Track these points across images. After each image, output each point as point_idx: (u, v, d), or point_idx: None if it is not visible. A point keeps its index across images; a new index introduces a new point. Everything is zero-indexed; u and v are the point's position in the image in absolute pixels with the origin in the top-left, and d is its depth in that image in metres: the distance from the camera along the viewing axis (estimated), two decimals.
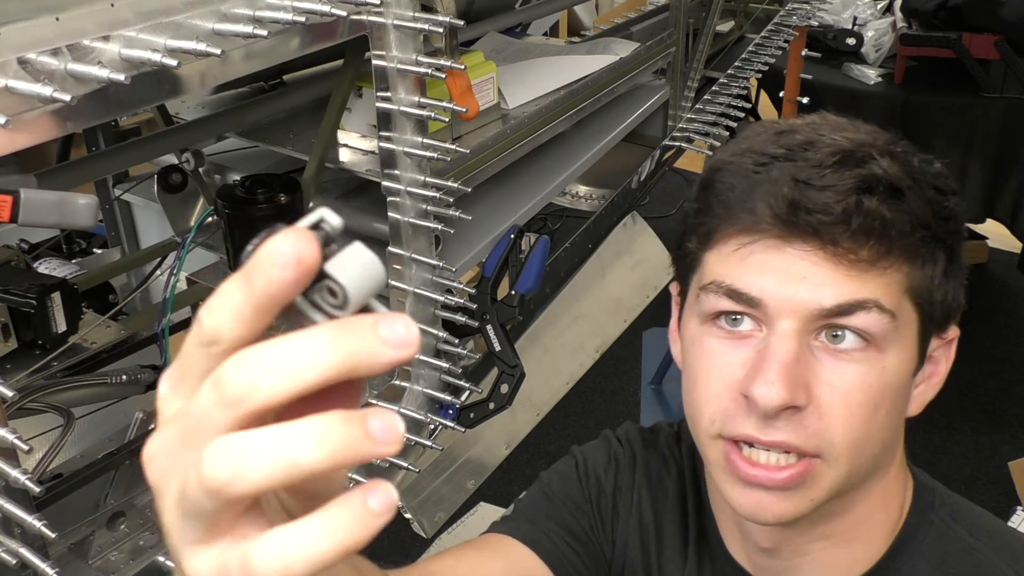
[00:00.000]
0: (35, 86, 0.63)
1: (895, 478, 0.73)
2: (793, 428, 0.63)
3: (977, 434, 2.85)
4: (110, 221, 1.43)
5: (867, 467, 0.67)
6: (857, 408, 0.63)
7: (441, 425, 1.15)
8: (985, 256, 3.76)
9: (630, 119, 1.61)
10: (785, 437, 0.63)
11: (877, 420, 0.64)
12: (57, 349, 0.94)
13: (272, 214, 1.04)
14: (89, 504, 1.07)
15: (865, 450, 0.65)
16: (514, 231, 1.13)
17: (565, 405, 1.63)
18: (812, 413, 0.63)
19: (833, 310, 0.62)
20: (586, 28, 3.06)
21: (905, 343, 0.65)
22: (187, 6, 0.75)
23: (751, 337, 0.65)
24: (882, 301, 0.62)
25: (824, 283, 0.62)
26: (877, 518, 0.72)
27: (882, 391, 0.64)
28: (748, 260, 0.64)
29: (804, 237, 0.62)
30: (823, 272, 0.62)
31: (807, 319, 0.63)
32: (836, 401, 0.63)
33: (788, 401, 0.62)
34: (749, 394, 0.63)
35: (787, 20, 2.21)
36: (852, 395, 0.63)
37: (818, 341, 0.64)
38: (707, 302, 0.67)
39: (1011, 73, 2.83)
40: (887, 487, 0.72)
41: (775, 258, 0.63)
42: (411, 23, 0.94)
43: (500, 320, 1.11)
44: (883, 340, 0.63)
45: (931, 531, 0.73)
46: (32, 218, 0.87)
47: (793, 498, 0.65)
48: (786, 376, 0.62)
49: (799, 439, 0.63)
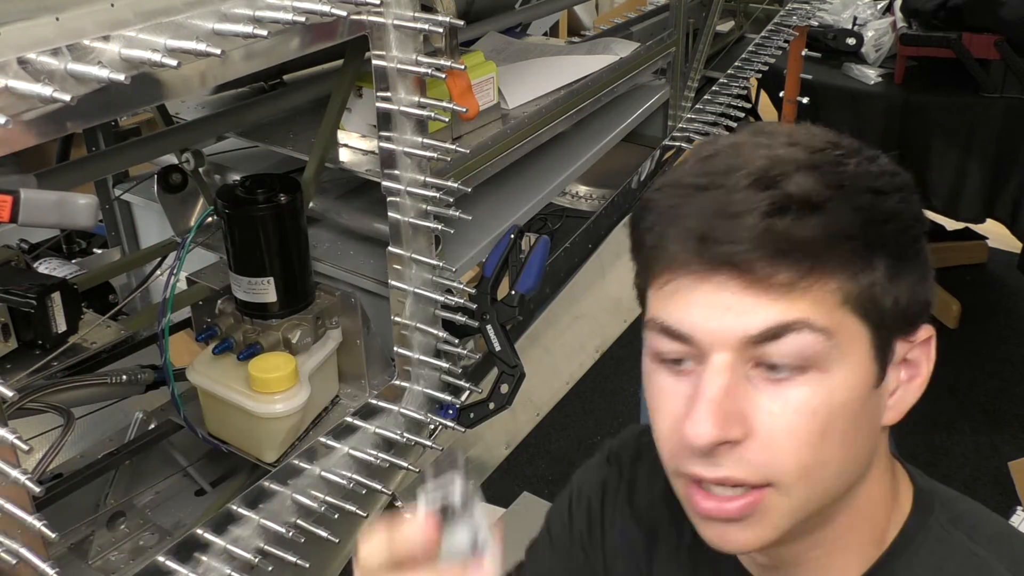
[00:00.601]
0: (35, 86, 0.63)
1: (877, 486, 0.72)
2: (735, 462, 0.63)
3: (977, 434, 2.85)
4: (110, 221, 1.43)
5: (830, 489, 0.66)
6: (803, 435, 0.62)
7: (441, 425, 1.15)
8: (985, 256, 3.76)
9: (630, 119, 1.61)
10: (728, 472, 0.63)
11: (828, 443, 0.63)
12: (57, 349, 0.94)
13: (272, 214, 1.04)
14: (89, 504, 1.07)
15: (819, 475, 0.64)
16: (514, 231, 1.13)
17: (565, 405, 1.63)
18: (753, 445, 0.62)
19: (762, 335, 0.61)
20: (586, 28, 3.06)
21: (854, 358, 0.63)
22: (187, 6, 0.75)
23: (692, 372, 0.65)
24: (812, 320, 0.61)
25: (748, 311, 0.61)
26: (862, 527, 0.72)
27: (830, 413, 0.62)
28: (675, 296, 0.64)
29: (721, 269, 0.61)
30: (746, 300, 0.61)
31: (738, 349, 0.62)
32: (779, 430, 0.62)
33: (718, 438, 0.61)
34: (683, 434, 0.63)
35: (787, 20, 2.21)
36: (795, 422, 0.62)
37: (756, 371, 0.63)
38: (651, 340, 0.67)
39: (1011, 73, 2.83)
40: (868, 497, 0.71)
41: (698, 292, 0.63)
42: (411, 23, 0.94)
43: (500, 320, 1.11)
44: (824, 360, 0.62)
45: (929, 536, 0.72)
46: (32, 218, 0.87)
47: (752, 527, 0.65)
48: (715, 413, 0.61)
49: (743, 472, 0.63)
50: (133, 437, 1.11)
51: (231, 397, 1.04)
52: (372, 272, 1.16)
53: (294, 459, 1.02)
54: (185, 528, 1.07)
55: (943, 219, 3.57)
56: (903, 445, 0.79)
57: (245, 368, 1.04)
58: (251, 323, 1.09)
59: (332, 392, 1.16)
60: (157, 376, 1.10)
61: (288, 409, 1.04)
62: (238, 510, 0.96)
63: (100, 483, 1.07)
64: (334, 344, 1.13)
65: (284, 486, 1.00)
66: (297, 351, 1.08)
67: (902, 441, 0.78)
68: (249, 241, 1.04)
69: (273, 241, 1.04)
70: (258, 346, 1.07)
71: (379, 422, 1.10)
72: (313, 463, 1.03)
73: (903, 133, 3.03)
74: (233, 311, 1.10)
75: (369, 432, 1.09)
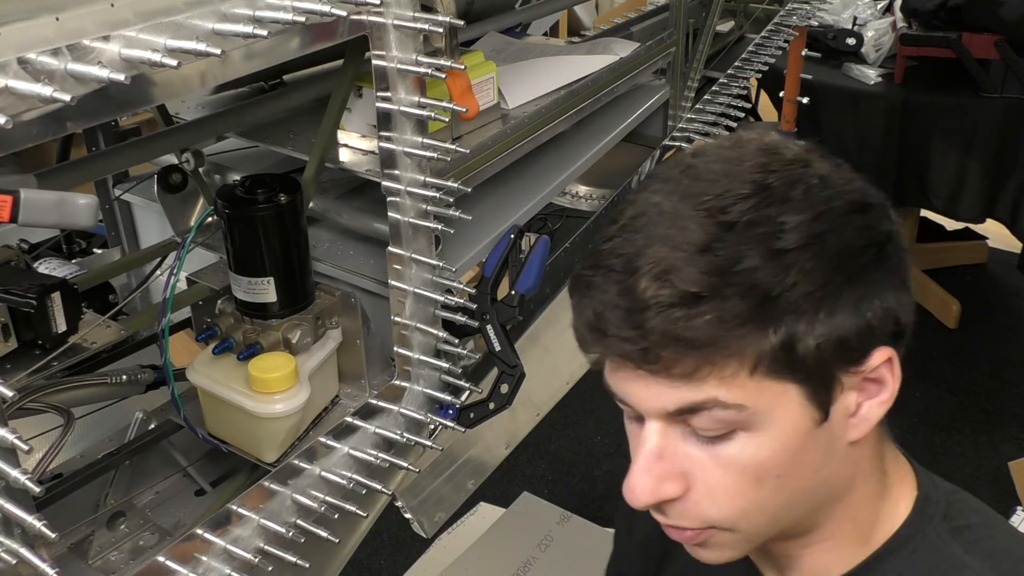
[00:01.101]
0: (35, 86, 0.63)
1: (861, 493, 0.72)
2: (679, 514, 0.67)
3: (977, 434, 2.85)
4: (110, 221, 1.43)
5: (783, 519, 0.69)
6: (734, 487, 0.65)
7: (441, 425, 1.15)
8: (985, 256, 3.76)
9: (630, 119, 1.61)
10: (673, 522, 0.68)
11: (764, 489, 0.65)
12: (57, 349, 0.94)
13: (272, 214, 1.04)
14: (89, 504, 1.07)
15: (760, 515, 0.67)
16: (514, 231, 1.13)
17: (565, 405, 1.63)
18: (692, 498, 0.66)
19: (678, 411, 0.64)
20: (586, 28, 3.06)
21: (781, 412, 0.63)
22: (187, 6, 0.75)
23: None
24: (721, 398, 0.62)
25: (661, 392, 0.63)
26: (844, 530, 0.73)
27: (761, 465, 0.64)
28: (609, 368, 0.68)
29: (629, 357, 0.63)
30: (658, 383, 0.63)
31: (665, 418, 0.65)
32: (713, 484, 0.65)
33: (649, 502, 0.66)
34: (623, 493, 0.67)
35: (787, 20, 2.21)
36: (727, 476, 0.65)
37: (690, 429, 0.65)
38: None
39: (1011, 73, 2.84)
40: (850, 506, 0.72)
41: (620, 372, 0.66)
42: (411, 23, 0.94)
43: (500, 320, 1.11)
44: (747, 423, 0.63)
45: (924, 544, 0.72)
46: (32, 218, 0.87)
47: (715, 550, 0.70)
48: (648, 478, 0.65)
49: (687, 522, 0.67)
50: (133, 437, 1.11)
51: (231, 397, 1.04)
52: (372, 272, 1.16)
53: (294, 459, 1.02)
54: (185, 528, 1.07)
55: (943, 219, 3.57)
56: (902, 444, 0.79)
57: (245, 368, 1.04)
58: (251, 323, 1.09)
59: (332, 392, 1.16)
60: (157, 376, 1.10)
61: (288, 409, 1.04)
62: (238, 510, 0.96)
63: (100, 483, 1.07)
64: (334, 344, 1.13)
65: (284, 486, 1.00)
66: (297, 351, 1.09)
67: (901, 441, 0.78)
68: (249, 241, 1.04)
69: (273, 241, 1.05)
70: (258, 346, 1.07)
71: (379, 422, 1.10)
72: (313, 463, 1.03)
73: (903, 133, 3.03)
74: (233, 311, 1.10)
75: (369, 432, 1.09)
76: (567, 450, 2.91)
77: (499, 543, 2.41)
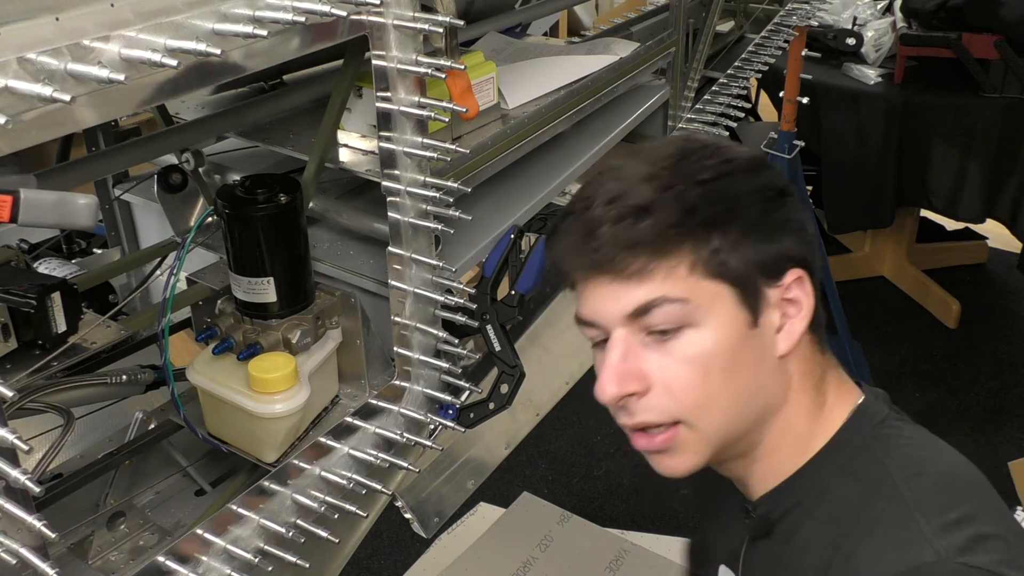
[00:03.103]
0: (35, 86, 0.63)
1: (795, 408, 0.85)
2: (644, 410, 0.80)
3: (977, 434, 2.85)
4: (110, 221, 1.43)
5: (733, 417, 0.82)
6: (688, 377, 0.79)
7: (441, 425, 1.15)
8: (985, 256, 3.76)
9: (630, 119, 1.61)
10: (642, 418, 0.81)
11: (713, 380, 0.79)
12: (57, 349, 0.94)
13: (272, 214, 1.04)
14: (89, 504, 1.07)
15: (715, 407, 0.80)
16: (514, 231, 1.13)
17: (565, 405, 1.63)
18: (654, 394, 0.80)
19: (636, 312, 0.78)
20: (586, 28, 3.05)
21: (720, 310, 0.79)
22: (187, 6, 0.75)
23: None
24: (668, 294, 0.78)
25: (620, 296, 0.79)
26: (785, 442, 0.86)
27: (708, 357, 0.79)
28: (580, 295, 0.83)
29: (595, 269, 0.80)
30: (616, 290, 0.79)
31: (627, 324, 0.79)
32: (669, 378, 0.79)
33: (618, 395, 0.80)
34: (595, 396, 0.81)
35: (787, 20, 2.21)
36: (679, 369, 0.79)
37: (649, 337, 0.79)
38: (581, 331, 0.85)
39: (1011, 73, 2.84)
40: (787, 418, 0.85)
41: (589, 289, 0.81)
42: (411, 23, 0.94)
43: (500, 320, 1.11)
44: (691, 319, 0.78)
45: (851, 445, 0.85)
46: (32, 218, 0.87)
47: (681, 455, 0.82)
48: (615, 375, 0.79)
49: (652, 416, 0.80)
50: (133, 437, 1.11)
51: (231, 397, 1.04)
52: (372, 272, 1.16)
53: (294, 459, 1.02)
54: (185, 528, 1.07)
55: (943, 219, 3.57)
56: None
57: (245, 368, 1.04)
58: (251, 323, 1.09)
59: (332, 392, 1.16)
60: (157, 376, 1.10)
61: (288, 409, 1.04)
62: (238, 510, 0.96)
63: (100, 483, 1.07)
64: (334, 344, 1.13)
65: (284, 486, 1.00)
66: (297, 351, 1.09)
67: None
68: (249, 241, 1.04)
69: (273, 241, 1.05)
70: (258, 346, 1.07)
71: (379, 422, 1.10)
72: (313, 463, 1.03)
73: (903, 133, 3.03)
74: (233, 311, 1.10)
75: (369, 432, 1.09)
76: (567, 450, 2.91)
77: (499, 543, 2.42)
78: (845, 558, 0.79)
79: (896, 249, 3.64)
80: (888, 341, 3.31)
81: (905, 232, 3.60)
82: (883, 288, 3.67)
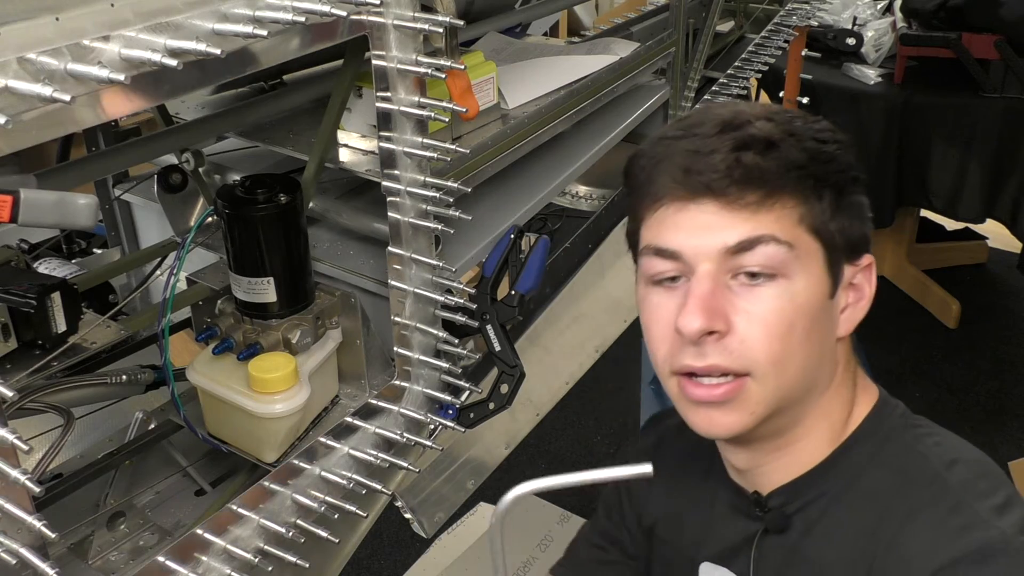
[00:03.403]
0: (35, 86, 0.63)
1: (836, 394, 0.85)
2: (719, 352, 0.77)
3: (977, 434, 2.85)
4: (110, 221, 1.43)
5: (797, 380, 0.79)
6: (773, 328, 0.76)
7: (441, 425, 1.15)
8: (985, 256, 3.76)
9: (630, 119, 1.61)
10: (714, 360, 0.77)
11: (794, 337, 0.77)
12: (57, 349, 0.94)
13: (272, 214, 1.04)
14: (89, 504, 1.07)
15: (788, 365, 0.78)
16: (514, 231, 1.13)
17: (565, 405, 1.63)
18: (734, 338, 0.76)
19: (736, 247, 0.76)
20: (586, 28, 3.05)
21: (812, 269, 0.78)
22: (187, 6, 0.75)
23: (681, 287, 0.79)
24: (777, 235, 0.76)
25: (724, 227, 0.76)
26: (820, 430, 0.84)
27: (795, 311, 0.77)
28: (664, 223, 0.79)
29: (701, 194, 0.76)
30: (723, 219, 0.76)
31: (718, 260, 0.76)
32: (754, 325, 0.76)
33: (706, 326, 0.75)
34: (678, 327, 0.77)
35: (787, 20, 2.21)
36: (767, 318, 0.76)
37: (735, 281, 0.77)
38: (645, 265, 0.82)
39: (1011, 73, 2.84)
40: (828, 403, 0.84)
41: (683, 216, 0.78)
42: (411, 23, 0.94)
43: (500, 320, 1.11)
44: (787, 269, 0.76)
45: (878, 435, 0.84)
46: (32, 218, 0.87)
47: (735, 411, 0.79)
48: (702, 307, 0.76)
49: (726, 360, 0.77)
50: (133, 437, 1.11)
51: (231, 397, 1.04)
52: (372, 272, 1.16)
53: (294, 459, 1.02)
54: (185, 528, 1.07)
55: (943, 219, 3.57)
56: None
57: (245, 368, 1.04)
58: (251, 323, 1.09)
59: (332, 392, 1.16)
60: (157, 376, 1.10)
61: (288, 409, 1.04)
62: (238, 510, 0.96)
63: (100, 483, 1.07)
64: (334, 344, 1.13)
65: (284, 486, 1.00)
66: (297, 351, 1.09)
67: None
68: (249, 241, 1.04)
69: (273, 241, 1.05)
70: (258, 346, 1.07)
71: (379, 422, 1.10)
72: (313, 463, 1.03)
73: (903, 133, 3.03)
74: (233, 311, 1.10)
75: (369, 432, 1.09)
76: (567, 450, 2.91)
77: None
78: (888, 546, 0.78)
79: (896, 249, 3.64)
80: (888, 341, 3.31)
81: (905, 232, 3.60)
82: (883, 288, 3.67)
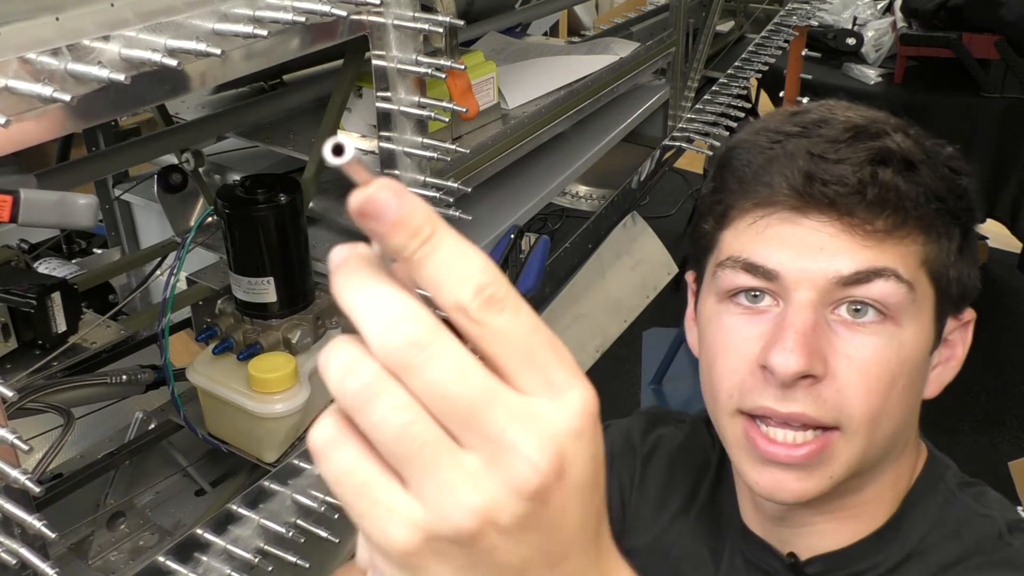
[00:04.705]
0: (35, 86, 0.63)
1: (907, 458, 0.73)
2: (811, 399, 0.63)
3: (977, 434, 2.85)
4: (110, 221, 1.43)
5: (884, 443, 0.67)
6: (875, 381, 0.63)
7: None
8: (985, 256, 3.75)
9: (630, 119, 1.61)
10: (803, 408, 0.63)
11: (894, 394, 0.64)
12: (57, 349, 0.94)
13: (272, 214, 1.04)
14: (89, 504, 1.07)
15: (882, 424, 0.65)
16: (514, 231, 1.13)
17: None
18: (829, 385, 0.63)
19: (851, 278, 0.63)
20: (586, 28, 3.06)
21: (922, 318, 0.66)
22: (187, 6, 0.75)
23: (768, 312, 0.65)
24: (900, 271, 0.63)
25: (841, 252, 0.63)
26: (886, 496, 0.72)
27: (900, 365, 0.64)
28: (764, 234, 0.65)
29: (820, 209, 0.63)
30: (840, 242, 0.63)
31: (824, 290, 0.63)
32: (854, 373, 0.63)
33: (806, 368, 0.62)
34: (767, 363, 0.63)
35: (787, 20, 2.21)
36: (870, 367, 0.63)
37: (835, 315, 0.64)
38: (724, 279, 0.67)
39: (1011, 73, 2.83)
40: (900, 467, 0.72)
41: (791, 230, 0.64)
42: (411, 23, 0.94)
43: None
44: (900, 313, 0.64)
45: (936, 497, 0.73)
46: (32, 218, 0.87)
47: (812, 476, 0.65)
48: (803, 344, 0.62)
49: (817, 411, 0.63)
50: (133, 437, 1.11)
51: (231, 397, 1.04)
52: None
53: (294, 459, 1.02)
54: (185, 528, 1.07)
55: None
56: None
57: (245, 368, 1.04)
58: (251, 323, 1.09)
59: None
60: (157, 376, 1.10)
61: (288, 409, 1.04)
62: (238, 510, 0.96)
63: (100, 483, 1.07)
64: None
65: (284, 486, 1.00)
66: (297, 351, 1.08)
67: None
68: (249, 241, 1.04)
69: (273, 241, 1.04)
70: (258, 346, 1.07)
71: None
72: (313, 463, 1.03)
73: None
74: (233, 311, 1.10)
75: None
76: None
77: None
78: None
79: None
80: None
81: None
82: None
